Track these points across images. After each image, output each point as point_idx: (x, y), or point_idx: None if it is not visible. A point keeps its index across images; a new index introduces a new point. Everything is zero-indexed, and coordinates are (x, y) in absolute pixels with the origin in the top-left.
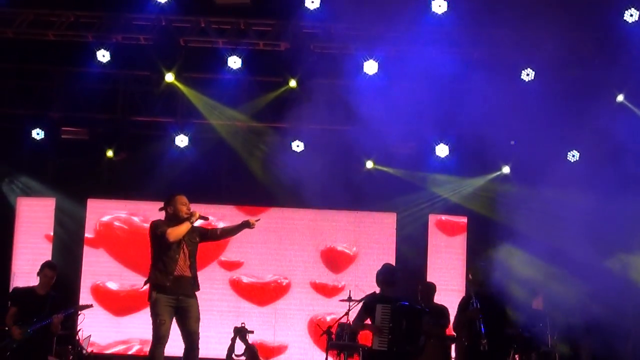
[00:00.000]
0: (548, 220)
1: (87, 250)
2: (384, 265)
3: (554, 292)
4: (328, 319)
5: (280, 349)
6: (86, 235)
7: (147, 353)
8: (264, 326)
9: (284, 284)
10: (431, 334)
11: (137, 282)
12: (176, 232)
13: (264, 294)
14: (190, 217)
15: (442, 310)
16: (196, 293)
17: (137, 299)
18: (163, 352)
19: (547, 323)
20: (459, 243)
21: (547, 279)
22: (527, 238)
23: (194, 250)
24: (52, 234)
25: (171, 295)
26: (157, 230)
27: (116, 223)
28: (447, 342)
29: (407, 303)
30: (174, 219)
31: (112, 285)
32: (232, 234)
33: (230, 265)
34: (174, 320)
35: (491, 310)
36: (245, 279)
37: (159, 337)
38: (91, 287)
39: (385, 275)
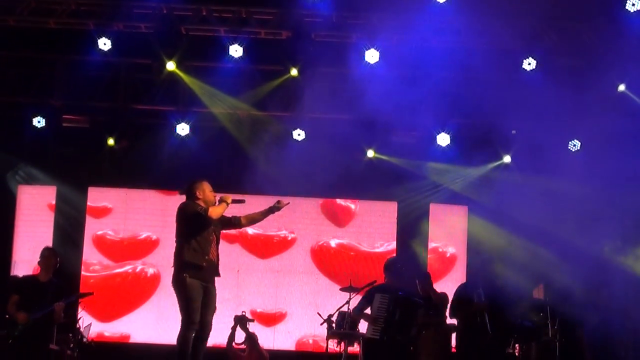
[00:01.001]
0: (549, 209)
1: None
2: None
3: (555, 281)
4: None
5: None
6: None
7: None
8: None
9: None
10: (429, 325)
11: None
12: (218, 211)
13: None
14: (225, 199)
15: (444, 299)
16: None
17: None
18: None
19: (547, 312)
20: (460, 232)
21: (548, 268)
22: (528, 227)
23: (219, 237)
24: (52, 222)
25: (203, 280)
26: (195, 209)
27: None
28: (447, 331)
29: (403, 294)
30: (205, 203)
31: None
32: (257, 220)
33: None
34: None
35: (494, 300)
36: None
37: (191, 322)
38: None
39: (385, 266)
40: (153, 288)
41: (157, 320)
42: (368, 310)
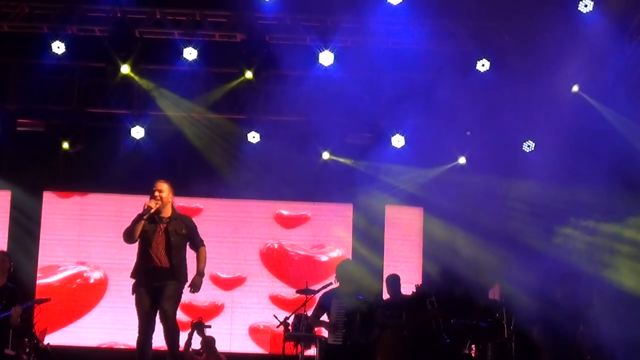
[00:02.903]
0: (503, 209)
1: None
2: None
3: (510, 280)
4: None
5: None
6: None
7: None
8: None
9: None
10: (386, 325)
11: None
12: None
13: None
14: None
15: (406, 301)
16: None
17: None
18: None
19: (503, 313)
20: (415, 233)
21: (503, 268)
22: (482, 227)
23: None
24: (7, 227)
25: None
26: None
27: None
28: (403, 333)
29: (360, 297)
30: None
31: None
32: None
33: None
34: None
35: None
36: None
37: None
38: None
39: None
40: (102, 292)
41: (111, 323)
42: (325, 317)
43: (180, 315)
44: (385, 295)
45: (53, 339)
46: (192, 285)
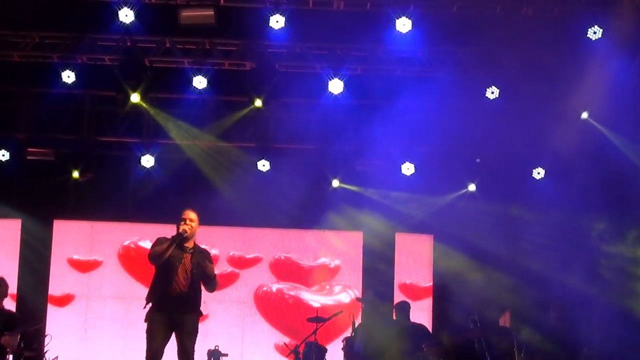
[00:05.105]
0: (514, 237)
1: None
2: None
3: (520, 307)
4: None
5: None
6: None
7: None
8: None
9: None
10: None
11: None
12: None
13: None
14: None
15: (423, 330)
16: None
17: None
18: None
19: (514, 340)
20: (426, 260)
21: (514, 296)
22: (493, 255)
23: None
24: (17, 255)
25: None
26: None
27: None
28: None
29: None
30: None
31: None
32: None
33: None
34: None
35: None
36: None
37: None
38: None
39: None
40: None
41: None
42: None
43: None
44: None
45: None
46: None
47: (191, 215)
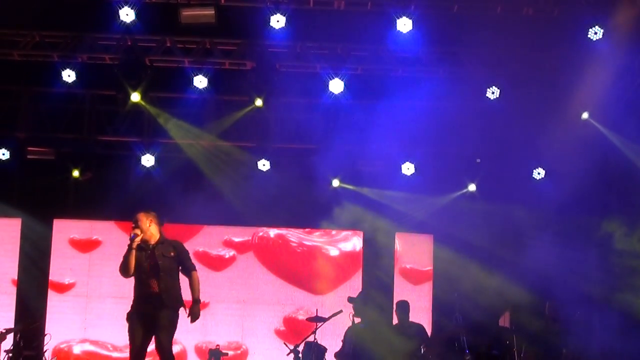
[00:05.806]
0: (513, 237)
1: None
2: None
3: (521, 308)
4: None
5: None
6: None
7: None
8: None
9: None
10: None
11: None
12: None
13: None
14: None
15: (421, 330)
16: None
17: None
18: None
19: (513, 340)
20: (426, 260)
21: (513, 296)
22: (493, 255)
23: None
24: (17, 254)
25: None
26: None
27: None
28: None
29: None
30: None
31: None
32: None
33: None
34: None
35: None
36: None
37: None
38: None
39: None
40: None
41: None
42: None
43: None
44: (394, 320)
45: None
46: (191, 315)
47: (136, 216)
